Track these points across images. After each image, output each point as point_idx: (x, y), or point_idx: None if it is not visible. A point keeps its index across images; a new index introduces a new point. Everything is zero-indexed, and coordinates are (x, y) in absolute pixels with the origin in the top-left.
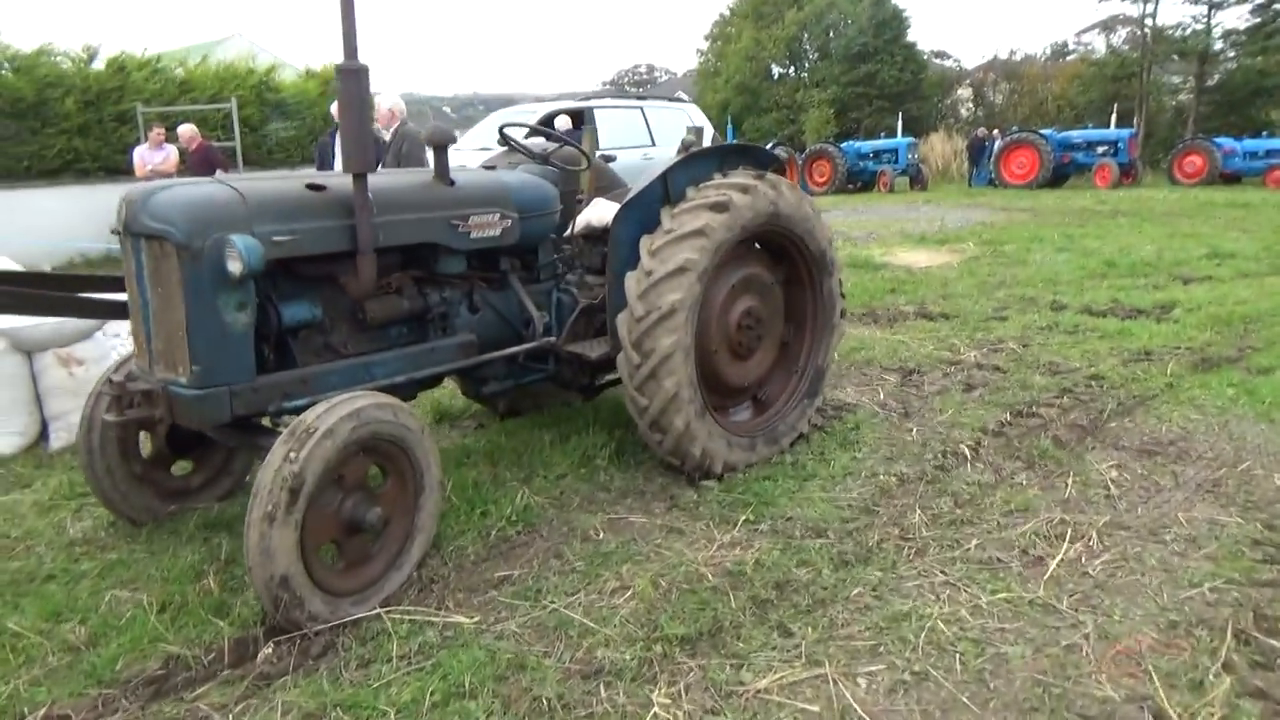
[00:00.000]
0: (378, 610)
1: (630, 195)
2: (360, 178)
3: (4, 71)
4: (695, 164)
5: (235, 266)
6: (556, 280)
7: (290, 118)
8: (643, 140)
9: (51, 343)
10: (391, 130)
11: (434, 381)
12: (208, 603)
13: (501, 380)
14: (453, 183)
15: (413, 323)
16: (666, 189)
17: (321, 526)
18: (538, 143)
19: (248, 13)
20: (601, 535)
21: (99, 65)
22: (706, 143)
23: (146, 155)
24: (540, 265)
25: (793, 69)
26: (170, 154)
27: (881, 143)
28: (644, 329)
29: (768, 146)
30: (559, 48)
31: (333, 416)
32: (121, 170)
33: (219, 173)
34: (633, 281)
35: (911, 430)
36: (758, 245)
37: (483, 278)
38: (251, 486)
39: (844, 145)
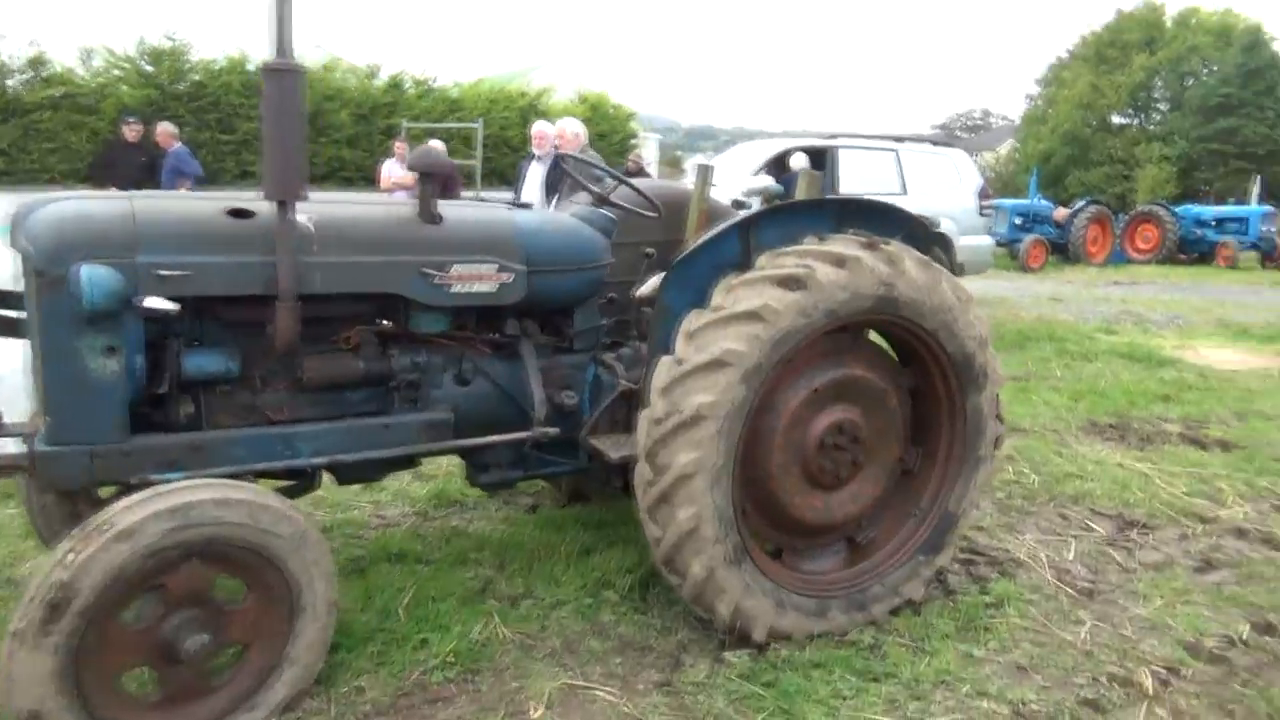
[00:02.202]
0: None
1: (684, 253)
2: (284, 205)
3: None
4: (795, 219)
5: (78, 302)
6: (594, 352)
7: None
8: (892, 187)
9: None
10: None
11: (396, 464)
12: None
13: (505, 469)
14: (438, 221)
15: (373, 389)
16: (748, 250)
17: (122, 649)
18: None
19: (560, 43)
20: (538, 713)
21: (381, 82)
22: (924, 199)
23: (390, 168)
24: (575, 332)
25: (1135, 120)
26: None
27: (1228, 209)
28: (659, 436)
29: (1080, 204)
30: (894, 89)
31: (141, 512)
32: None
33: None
34: (662, 371)
35: (1084, 625)
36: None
37: (485, 342)
38: None
39: (1180, 209)
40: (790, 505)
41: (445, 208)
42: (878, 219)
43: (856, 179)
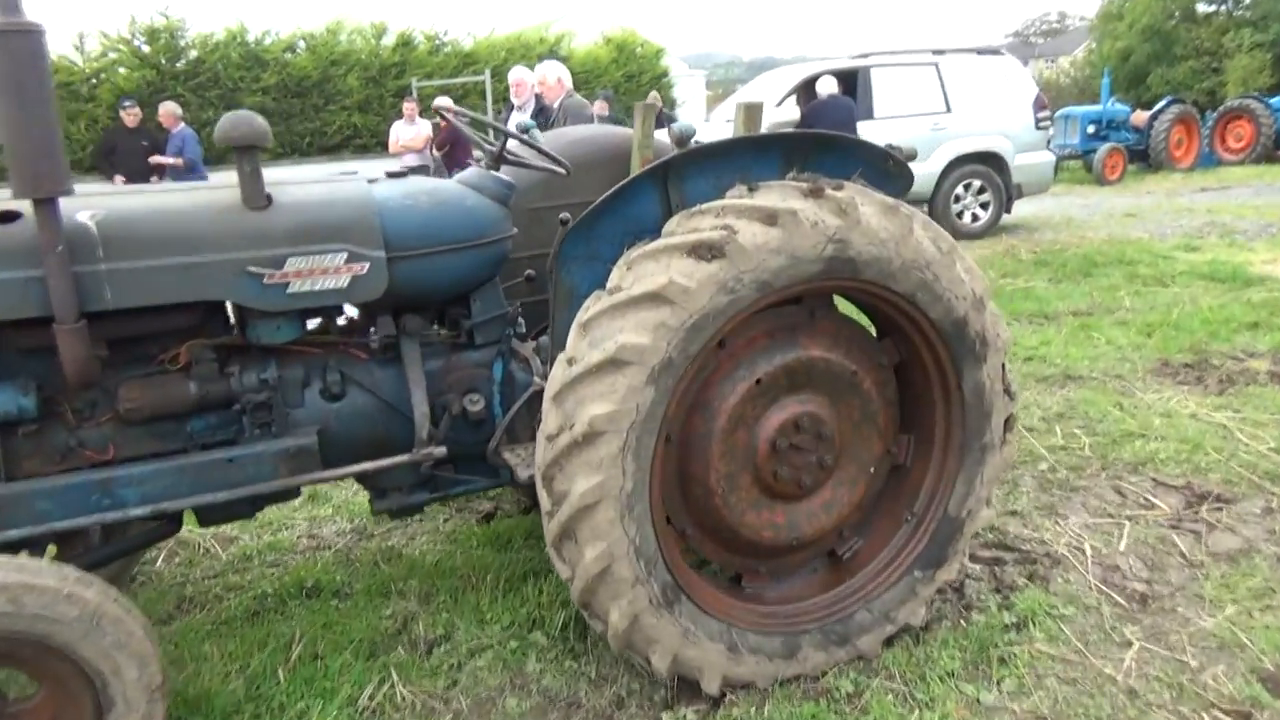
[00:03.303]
0: None
1: (586, 213)
2: (43, 204)
3: (298, 52)
4: (729, 164)
5: None
6: (501, 346)
7: (577, 88)
8: (934, 105)
9: None
10: (558, 103)
11: (269, 498)
12: None
13: (407, 493)
14: (266, 205)
15: (219, 415)
16: (669, 208)
17: None
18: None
19: None
20: None
21: (389, 41)
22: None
23: (399, 130)
24: (476, 323)
25: (1222, 6)
26: (421, 129)
27: None
28: (553, 457)
29: (1161, 105)
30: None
31: None
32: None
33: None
34: (556, 373)
35: (1130, 649)
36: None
37: (357, 345)
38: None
39: (1275, 100)
40: (742, 525)
41: (281, 188)
42: (835, 154)
43: (894, 100)
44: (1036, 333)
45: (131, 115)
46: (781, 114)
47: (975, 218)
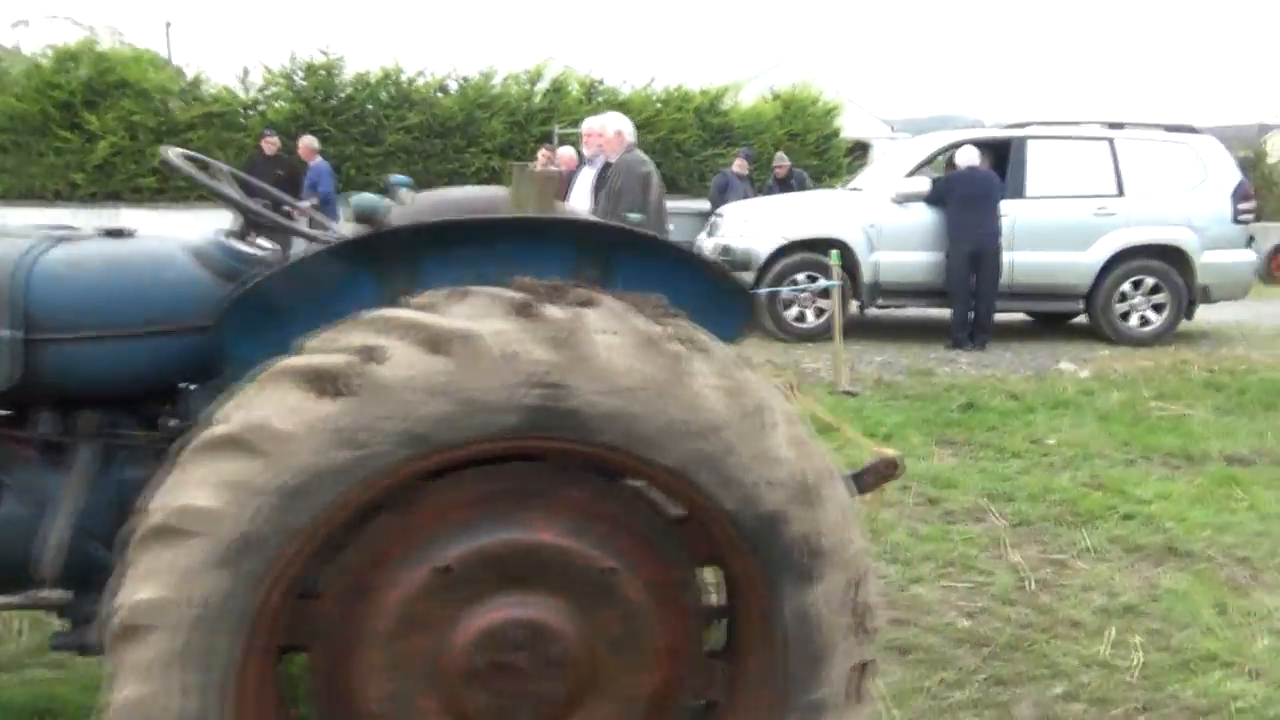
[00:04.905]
0: None
1: (245, 292)
2: None
3: (448, 94)
4: (495, 250)
5: None
6: None
7: (734, 144)
8: (1103, 186)
9: None
10: (615, 157)
11: None
12: None
13: (86, 629)
14: None
15: None
16: (392, 301)
17: None
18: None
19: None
20: None
21: (542, 86)
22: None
23: None
24: (184, 427)
25: None
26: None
27: None
28: (107, 644)
29: None
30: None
31: None
32: None
33: None
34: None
35: None
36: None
37: (22, 441)
38: None
39: None
40: None
41: None
42: (642, 256)
43: (1051, 178)
44: (1161, 481)
45: (269, 144)
46: (911, 186)
47: (1145, 321)
